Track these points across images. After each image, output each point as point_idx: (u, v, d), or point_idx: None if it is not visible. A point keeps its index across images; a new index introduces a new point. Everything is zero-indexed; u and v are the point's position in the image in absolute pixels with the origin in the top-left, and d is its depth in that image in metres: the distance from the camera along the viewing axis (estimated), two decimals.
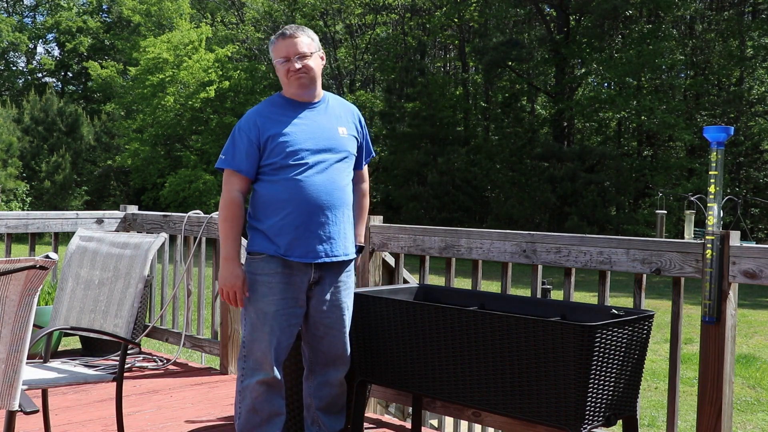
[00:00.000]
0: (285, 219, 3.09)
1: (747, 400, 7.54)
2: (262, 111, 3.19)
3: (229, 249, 3.11)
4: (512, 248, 3.50)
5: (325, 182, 3.13)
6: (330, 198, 3.14)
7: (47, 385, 3.04)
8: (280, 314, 3.11)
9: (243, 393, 3.17)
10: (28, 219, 5.25)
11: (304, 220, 3.09)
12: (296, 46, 3.13)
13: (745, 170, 25.67)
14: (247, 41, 31.81)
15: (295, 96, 3.19)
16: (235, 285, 3.10)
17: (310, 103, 3.20)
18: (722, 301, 2.90)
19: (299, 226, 3.09)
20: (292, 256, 3.09)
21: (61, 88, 40.46)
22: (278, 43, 3.17)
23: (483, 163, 26.54)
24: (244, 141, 3.12)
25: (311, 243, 3.11)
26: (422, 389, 3.21)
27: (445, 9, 29.07)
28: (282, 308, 3.11)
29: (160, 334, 5.44)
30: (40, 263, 2.28)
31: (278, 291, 3.10)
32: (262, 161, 3.12)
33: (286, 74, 3.15)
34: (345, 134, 3.24)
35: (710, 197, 2.91)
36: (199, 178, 28.21)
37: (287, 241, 3.09)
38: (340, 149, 3.20)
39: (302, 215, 3.09)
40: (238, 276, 3.10)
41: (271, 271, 3.11)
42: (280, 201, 3.09)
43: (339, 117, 3.26)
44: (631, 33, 26.57)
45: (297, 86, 3.16)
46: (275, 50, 3.18)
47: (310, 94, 3.20)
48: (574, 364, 2.68)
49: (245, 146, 3.11)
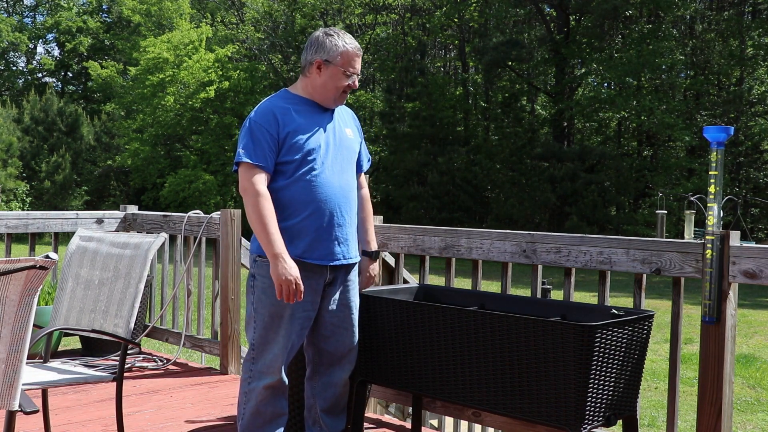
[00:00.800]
0: (305, 221, 3.03)
1: (747, 400, 7.54)
2: (278, 105, 3.09)
3: (277, 244, 2.92)
4: (512, 248, 3.50)
5: (341, 183, 3.11)
6: (346, 199, 3.13)
7: (47, 385, 3.03)
8: (295, 318, 3.07)
9: (249, 395, 3.14)
10: (28, 219, 5.25)
11: (324, 222, 3.05)
12: (359, 65, 3.11)
13: (745, 170, 25.68)
14: (247, 41, 31.81)
15: (321, 102, 3.13)
16: (296, 278, 2.92)
17: (321, 105, 3.17)
18: (722, 301, 2.90)
19: (319, 228, 3.05)
20: (310, 258, 3.05)
21: (61, 88, 40.47)
22: (352, 53, 3.07)
23: (483, 163, 26.55)
24: (266, 135, 3.01)
25: (329, 245, 3.08)
26: (422, 389, 3.21)
27: (445, 9, 29.07)
28: (297, 312, 3.07)
29: (160, 334, 5.44)
30: (40, 263, 2.28)
31: None
32: (279, 158, 3.03)
33: (338, 88, 3.07)
34: (351, 135, 3.23)
35: (710, 197, 2.91)
36: (199, 178, 28.22)
37: (306, 243, 3.04)
38: (351, 150, 3.20)
39: (323, 217, 3.05)
40: (295, 267, 2.94)
41: None
42: (299, 202, 3.03)
43: (344, 119, 3.25)
44: (631, 33, 26.57)
45: (336, 103, 3.12)
46: (346, 56, 3.06)
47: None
48: (574, 364, 2.67)
49: (267, 140, 3.00)
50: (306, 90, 3.14)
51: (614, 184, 24.90)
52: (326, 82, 3.08)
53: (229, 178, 29.24)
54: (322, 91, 3.10)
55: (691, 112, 25.48)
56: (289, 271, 2.91)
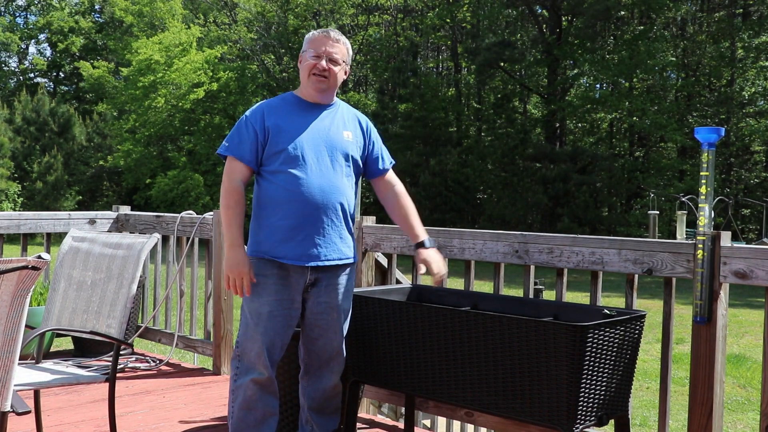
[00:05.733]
0: (282, 220, 3.04)
1: (738, 399, 7.58)
2: (271, 103, 3.17)
3: (234, 235, 3.03)
4: (505, 249, 3.51)
5: (322, 184, 3.08)
6: (329, 200, 3.09)
7: (39, 385, 3.03)
8: (275, 315, 3.08)
9: (236, 392, 3.16)
10: (20, 219, 5.23)
11: (301, 222, 3.05)
12: (333, 48, 3.11)
13: (736, 171, 25.80)
14: (239, 42, 31.78)
15: (308, 97, 3.16)
16: (242, 271, 3.02)
17: (320, 105, 3.18)
18: (713, 301, 2.92)
19: (295, 227, 3.05)
20: (286, 258, 3.05)
21: (53, 88, 40.34)
22: (318, 37, 3.13)
23: (475, 164, 26.58)
24: (250, 130, 3.08)
25: (307, 246, 3.07)
26: (415, 389, 3.21)
27: (437, 10, 29.12)
28: (276, 309, 3.08)
29: (152, 335, 5.43)
30: (32, 264, 2.28)
31: (273, 292, 3.07)
32: (264, 155, 3.07)
33: (309, 69, 3.10)
34: (350, 138, 3.20)
35: (701, 198, 2.92)
36: (188, 179, 28.18)
37: (283, 243, 3.05)
38: (343, 152, 3.16)
39: (300, 217, 3.04)
40: (245, 262, 3.03)
41: (267, 272, 3.07)
42: (277, 201, 3.05)
43: (346, 122, 3.23)
44: (623, 34, 26.66)
45: (314, 88, 3.13)
46: (312, 42, 3.13)
47: (322, 98, 3.18)
48: (566, 364, 2.68)
49: (250, 135, 3.07)
50: (301, 91, 3.20)
51: (606, 185, 24.99)
52: (302, 72, 3.17)
53: (219, 178, 29.20)
54: (303, 83, 3.17)
55: (683, 113, 25.59)
56: (236, 265, 3.02)
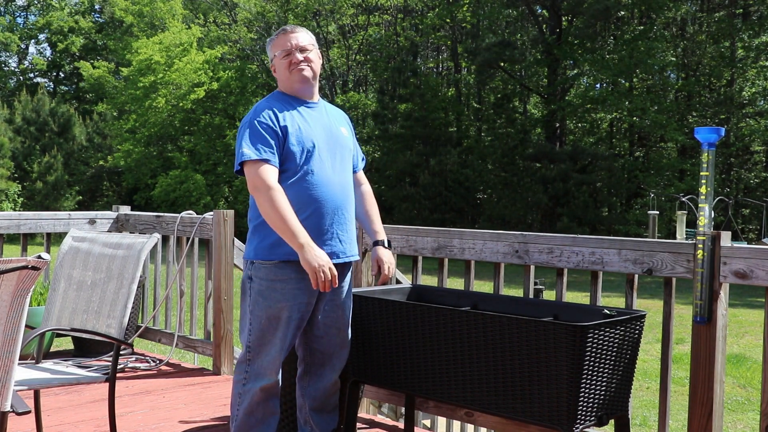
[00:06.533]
0: (306, 221, 2.97)
1: (738, 399, 7.58)
2: (273, 104, 3.09)
3: (301, 234, 2.87)
4: (505, 248, 3.51)
5: (341, 181, 3.10)
6: (346, 198, 3.12)
7: (39, 385, 3.03)
8: (292, 320, 3.05)
9: (243, 396, 3.13)
10: (20, 219, 5.23)
11: (325, 222, 3.03)
12: (297, 40, 3.10)
13: (736, 171, 25.80)
14: (239, 41, 31.78)
15: (297, 92, 3.13)
16: (327, 263, 2.87)
17: (309, 102, 3.16)
18: (713, 301, 2.91)
19: (320, 227, 3.02)
20: None
21: (53, 88, 40.34)
22: (278, 39, 3.13)
23: (475, 164, 26.58)
24: (268, 130, 2.98)
25: (332, 244, 3.05)
26: (415, 389, 3.21)
27: (437, 10, 29.11)
28: (294, 314, 3.05)
29: (152, 335, 5.43)
30: (32, 264, 2.28)
31: (291, 297, 3.02)
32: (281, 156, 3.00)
33: (287, 67, 3.09)
34: (346, 134, 3.24)
35: (701, 198, 2.92)
36: (189, 179, 28.18)
37: None
38: (347, 149, 3.20)
39: (324, 216, 3.02)
40: (324, 254, 2.90)
41: (285, 276, 3.01)
42: (300, 203, 2.98)
43: (337, 118, 3.26)
44: (623, 34, 26.65)
45: (299, 78, 3.10)
46: (275, 45, 3.13)
47: (310, 91, 3.15)
48: (566, 364, 2.68)
49: (270, 135, 2.98)
50: (288, 89, 3.16)
51: (606, 185, 24.99)
52: (280, 74, 3.14)
53: (219, 178, 29.21)
54: (286, 81, 3.13)
55: (683, 113, 25.59)
56: (320, 258, 2.87)
